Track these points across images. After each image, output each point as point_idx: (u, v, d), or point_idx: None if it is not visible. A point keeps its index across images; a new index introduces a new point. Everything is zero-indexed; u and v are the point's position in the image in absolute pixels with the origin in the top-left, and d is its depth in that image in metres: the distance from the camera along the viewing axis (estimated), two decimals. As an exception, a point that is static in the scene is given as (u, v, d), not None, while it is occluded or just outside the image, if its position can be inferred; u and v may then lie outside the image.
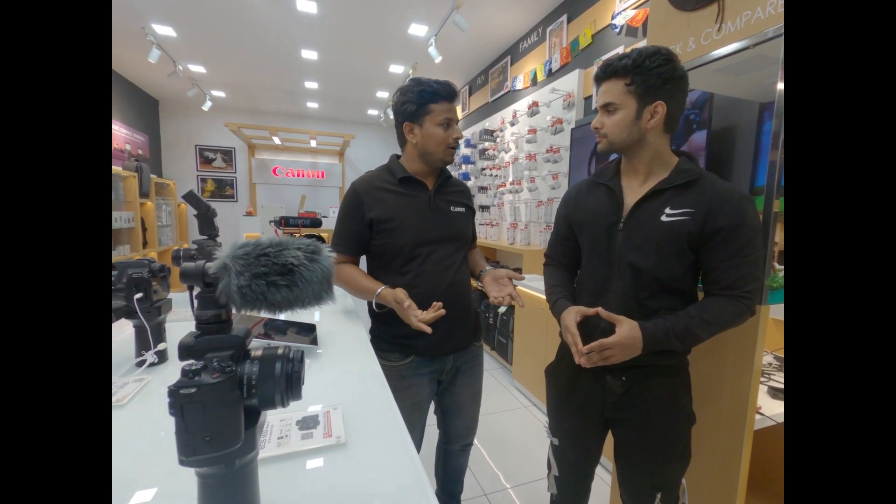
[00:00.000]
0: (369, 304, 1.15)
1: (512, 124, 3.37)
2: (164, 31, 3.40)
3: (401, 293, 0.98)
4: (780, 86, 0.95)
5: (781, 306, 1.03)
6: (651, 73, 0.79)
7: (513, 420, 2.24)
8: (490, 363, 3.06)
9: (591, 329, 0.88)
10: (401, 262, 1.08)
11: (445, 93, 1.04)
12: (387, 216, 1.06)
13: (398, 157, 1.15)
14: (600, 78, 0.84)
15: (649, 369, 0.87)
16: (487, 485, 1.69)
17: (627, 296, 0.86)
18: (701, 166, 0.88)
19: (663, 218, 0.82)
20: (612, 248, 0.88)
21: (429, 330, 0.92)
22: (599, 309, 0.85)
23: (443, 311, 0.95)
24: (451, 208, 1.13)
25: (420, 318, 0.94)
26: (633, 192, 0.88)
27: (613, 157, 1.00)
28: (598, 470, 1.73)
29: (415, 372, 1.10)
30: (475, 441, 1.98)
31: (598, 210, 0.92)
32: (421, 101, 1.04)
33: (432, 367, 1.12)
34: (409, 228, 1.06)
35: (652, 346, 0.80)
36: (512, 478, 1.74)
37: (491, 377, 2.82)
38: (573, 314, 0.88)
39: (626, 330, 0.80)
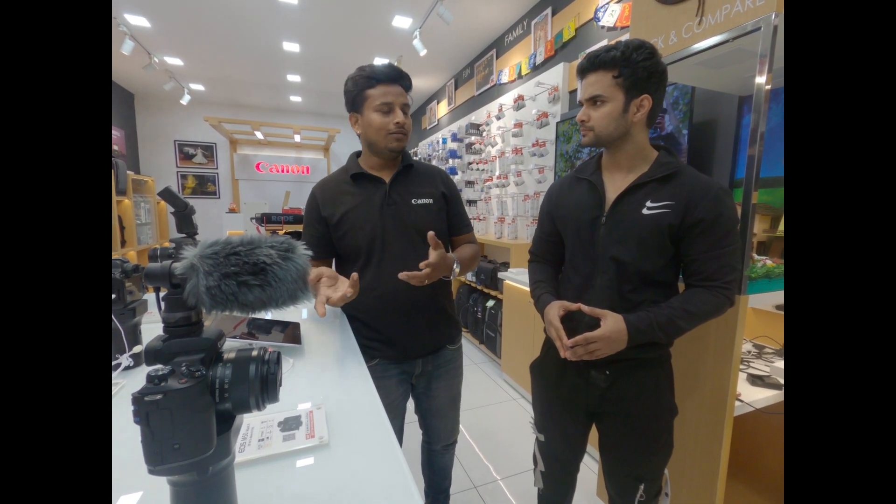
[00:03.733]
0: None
1: (498, 118, 3.36)
2: (138, 21, 3.27)
3: (322, 269, 0.88)
4: (759, 80, 0.96)
5: (760, 296, 1.05)
6: (638, 66, 0.79)
7: (501, 413, 2.26)
8: (478, 357, 3.08)
9: (576, 323, 0.88)
10: (361, 264, 1.03)
11: (381, 75, 0.95)
12: (339, 216, 1.01)
13: (358, 154, 1.10)
14: (586, 70, 0.83)
15: (633, 363, 0.88)
16: (477, 477, 1.71)
17: (611, 289, 0.87)
18: (681, 159, 0.88)
19: (644, 211, 0.83)
20: (594, 242, 0.89)
21: (322, 312, 0.79)
22: (581, 305, 0.86)
23: (350, 292, 0.83)
24: (413, 200, 1.04)
25: (328, 296, 0.83)
26: (614, 186, 0.88)
27: (586, 151, 1.00)
28: (586, 459, 1.77)
29: (382, 374, 1.06)
30: (465, 434, 2.00)
31: (581, 205, 0.92)
32: (357, 88, 0.96)
33: (401, 368, 1.09)
34: (361, 228, 1.00)
35: (637, 339, 0.81)
36: (501, 470, 1.76)
37: (479, 370, 2.83)
38: (556, 308, 0.88)
39: (612, 323, 0.80)
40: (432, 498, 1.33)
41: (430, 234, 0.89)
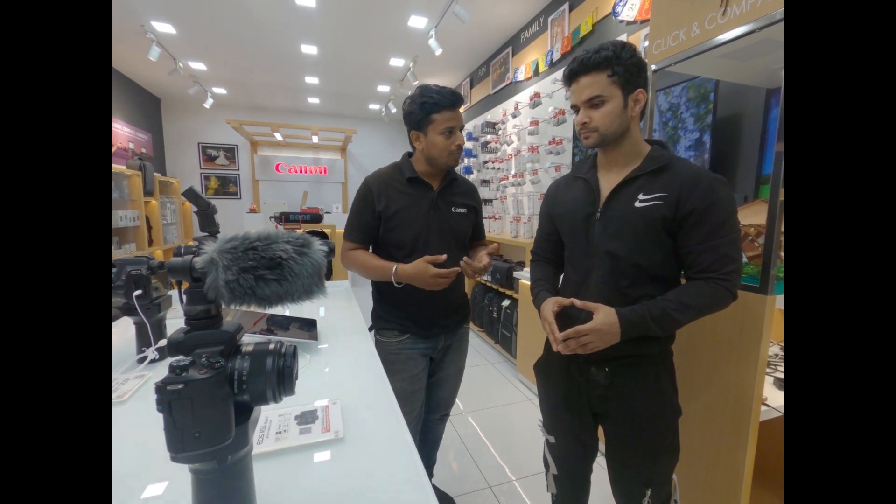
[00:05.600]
0: (374, 284, 1.25)
1: (514, 116, 3.34)
2: (164, 28, 3.39)
3: (420, 262, 1.08)
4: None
5: (788, 296, 1.01)
6: (629, 63, 0.81)
7: (517, 413, 2.25)
8: (494, 356, 3.06)
9: (573, 319, 0.88)
10: (403, 254, 1.17)
11: (447, 102, 1.10)
12: (392, 212, 1.15)
13: (410, 155, 1.23)
14: (577, 73, 0.85)
15: (632, 359, 0.88)
16: (492, 478, 1.70)
17: (607, 284, 0.87)
18: (672, 153, 0.88)
19: (637, 204, 0.83)
20: (590, 238, 0.90)
21: (449, 272, 1.06)
22: (574, 300, 0.86)
23: (443, 257, 1.08)
24: (453, 209, 1.21)
25: (439, 273, 1.06)
26: (608, 182, 0.89)
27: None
28: (603, 463, 1.74)
29: (410, 348, 1.20)
30: (480, 434, 2.00)
31: (576, 203, 0.94)
32: (423, 111, 1.11)
33: (427, 344, 1.23)
34: (411, 225, 1.15)
35: (630, 331, 0.80)
36: (517, 470, 1.74)
37: (495, 370, 2.82)
38: (550, 304, 0.89)
39: (603, 316, 0.80)
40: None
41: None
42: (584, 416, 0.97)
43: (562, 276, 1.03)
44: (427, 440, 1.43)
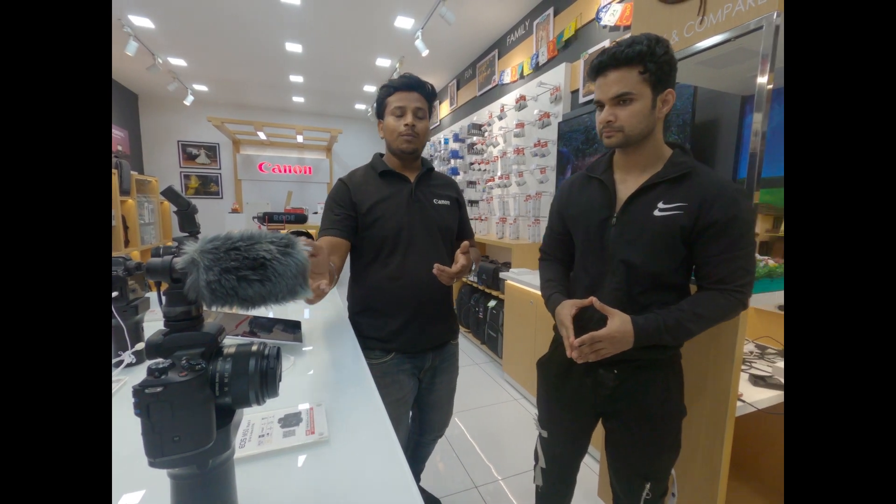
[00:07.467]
0: (356, 298, 1.15)
1: (500, 118, 3.36)
2: (142, 22, 3.29)
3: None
4: (760, 80, 0.96)
5: (762, 296, 1.05)
6: (661, 61, 0.75)
7: (503, 413, 2.26)
8: (480, 357, 3.08)
9: (586, 322, 0.87)
10: (385, 254, 1.08)
11: (399, 83, 1.06)
12: (370, 205, 1.07)
13: (382, 155, 1.17)
14: (606, 66, 0.78)
15: (642, 363, 0.87)
16: (478, 477, 1.71)
17: (620, 291, 0.85)
18: (693, 159, 0.85)
19: (656, 212, 0.80)
20: (604, 243, 0.87)
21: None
22: (593, 299, 0.84)
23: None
24: (434, 201, 1.14)
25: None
26: (626, 186, 0.86)
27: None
28: (587, 459, 1.76)
29: (397, 368, 1.11)
30: (466, 434, 2.00)
31: (591, 205, 0.90)
32: (380, 97, 1.09)
33: (413, 363, 1.15)
34: (390, 219, 1.07)
35: (643, 341, 0.80)
36: (502, 470, 1.76)
37: (481, 371, 2.83)
38: (568, 308, 0.87)
39: (618, 324, 0.79)
40: None
41: (465, 243, 0.99)
42: (585, 416, 0.97)
43: (571, 276, 1.00)
44: (417, 457, 1.39)
